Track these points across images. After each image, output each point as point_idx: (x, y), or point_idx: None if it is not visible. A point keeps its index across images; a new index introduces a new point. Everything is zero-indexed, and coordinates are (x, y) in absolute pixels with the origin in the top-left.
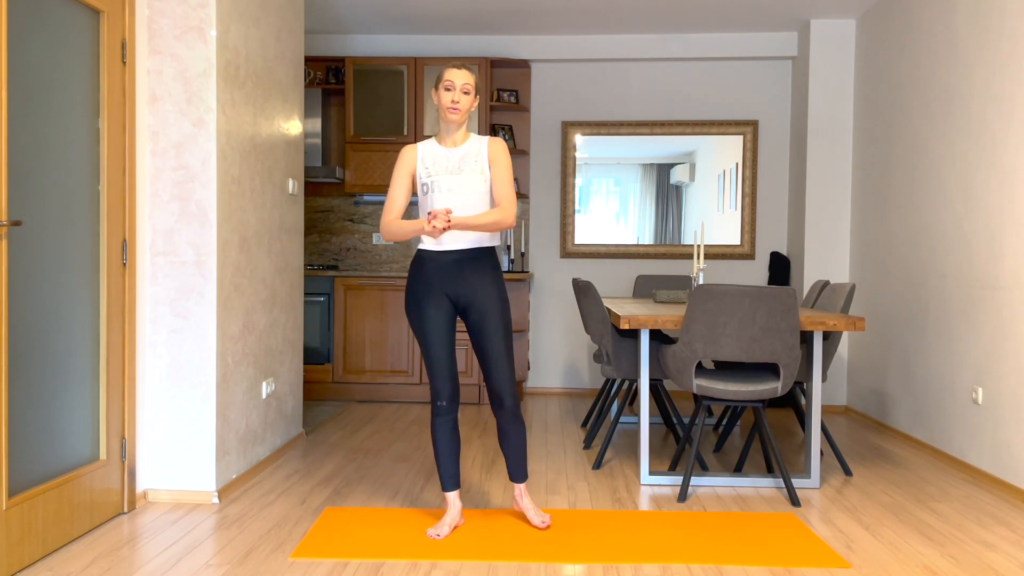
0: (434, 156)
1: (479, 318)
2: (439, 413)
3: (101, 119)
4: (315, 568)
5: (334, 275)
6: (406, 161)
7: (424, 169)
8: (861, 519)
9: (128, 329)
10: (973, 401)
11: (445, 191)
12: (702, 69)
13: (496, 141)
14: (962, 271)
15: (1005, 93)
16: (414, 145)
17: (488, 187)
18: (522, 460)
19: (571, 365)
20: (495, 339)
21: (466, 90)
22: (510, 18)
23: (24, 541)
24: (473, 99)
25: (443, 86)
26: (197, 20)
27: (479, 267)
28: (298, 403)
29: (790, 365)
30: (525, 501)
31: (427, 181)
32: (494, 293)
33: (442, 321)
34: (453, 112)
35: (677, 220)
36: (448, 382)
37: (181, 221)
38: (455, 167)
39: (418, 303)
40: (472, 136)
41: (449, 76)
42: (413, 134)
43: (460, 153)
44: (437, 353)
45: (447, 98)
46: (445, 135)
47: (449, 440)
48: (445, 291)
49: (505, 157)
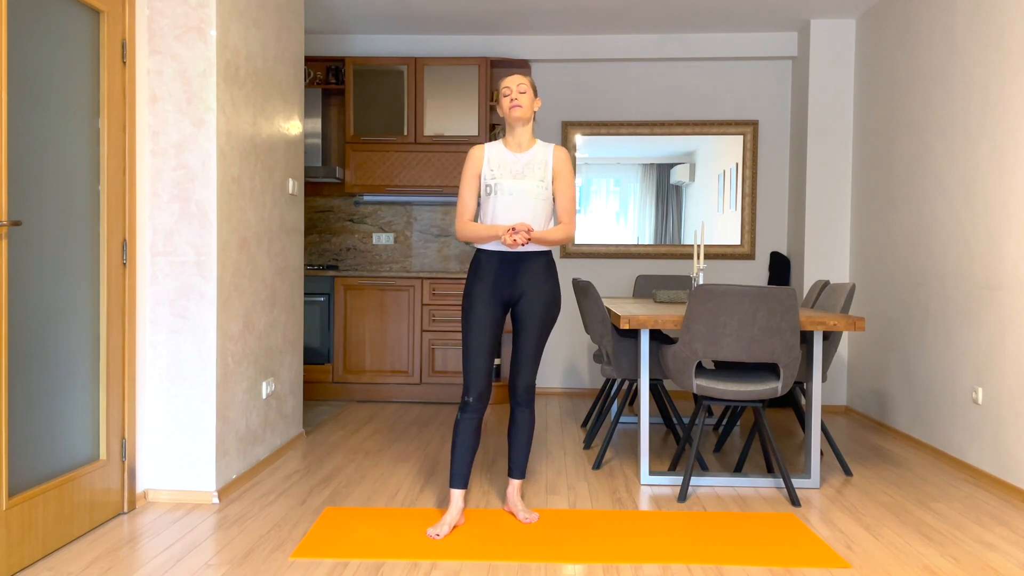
0: (500, 159)
1: (523, 315)
2: (466, 409)
3: (101, 119)
4: (315, 568)
5: (334, 275)
6: (473, 162)
7: (489, 171)
8: (861, 519)
9: (128, 329)
10: (973, 401)
11: (507, 194)
12: (702, 69)
13: (561, 151)
14: (962, 271)
15: (1005, 93)
16: (482, 146)
17: (548, 195)
18: (523, 455)
19: (571, 365)
20: (530, 335)
21: (522, 90)
22: (510, 18)
23: (24, 541)
24: (532, 98)
25: (501, 94)
26: (197, 20)
27: (533, 270)
28: (298, 403)
29: (790, 365)
30: (514, 499)
31: (491, 183)
32: (545, 293)
33: (488, 321)
34: (516, 108)
35: (677, 220)
36: (480, 379)
37: (181, 221)
38: (519, 172)
39: (470, 299)
40: (538, 142)
41: (505, 84)
42: (413, 134)
43: (525, 158)
44: (475, 349)
45: (507, 102)
46: (511, 138)
47: (470, 438)
48: (500, 290)
49: (570, 171)
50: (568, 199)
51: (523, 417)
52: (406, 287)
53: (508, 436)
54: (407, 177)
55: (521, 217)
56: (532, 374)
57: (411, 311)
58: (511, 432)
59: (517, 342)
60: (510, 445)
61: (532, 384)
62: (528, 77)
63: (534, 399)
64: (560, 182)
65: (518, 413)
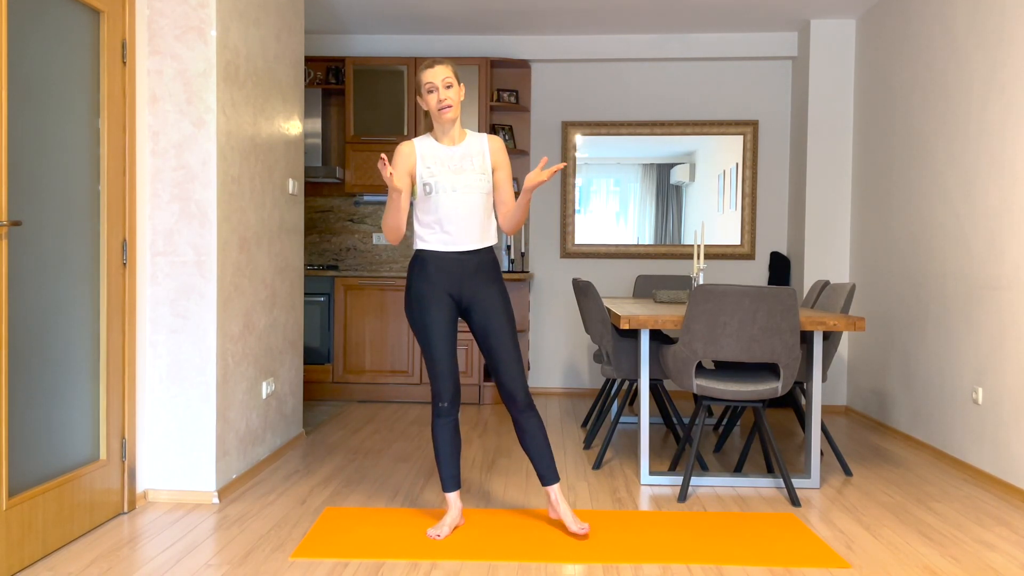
0: (434, 155)
1: (484, 317)
2: (440, 414)
3: (101, 119)
4: (315, 568)
5: (334, 275)
6: (403, 159)
7: (426, 168)
8: (861, 519)
9: (128, 329)
10: (973, 401)
11: (449, 191)
12: (702, 69)
13: (495, 140)
14: (962, 271)
15: (1005, 92)
16: (411, 141)
17: (490, 188)
18: (548, 458)
19: (571, 365)
20: (502, 337)
21: (448, 83)
22: (510, 18)
23: (24, 541)
24: (459, 89)
25: (424, 89)
26: (197, 20)
27: (481, 267)
28: (298, 403)
29: (790, 365)
30: (562, 507)
31: (429, 181)
32: (497, 292)
33: (445, 321)
34: (446, 110)
35: (677, 220)
36: (450, 383)
37: (181, 221)
38: (457, 166)
39: (420, 303)
40: (469, 133)
41: (427, 79)
42: (413, 134)
43: (460, 151)
44: (439, 354)
45: (433, 100)
46: (441, 133)
47: (450, 441)
48: (448, 291)
49: (507, 158)
50: (509, 189)
51: (531, 422)
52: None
53: (523, 446)
54: None
55: (467, 214)
56: (522, 374)
57: None
58: (524, 441)
59: (494, 351)
60: (530, 454)
61: (525, 379)
62: (450, 65)
63: (532, 398)
64: (500, 172)
65: (524, 419)
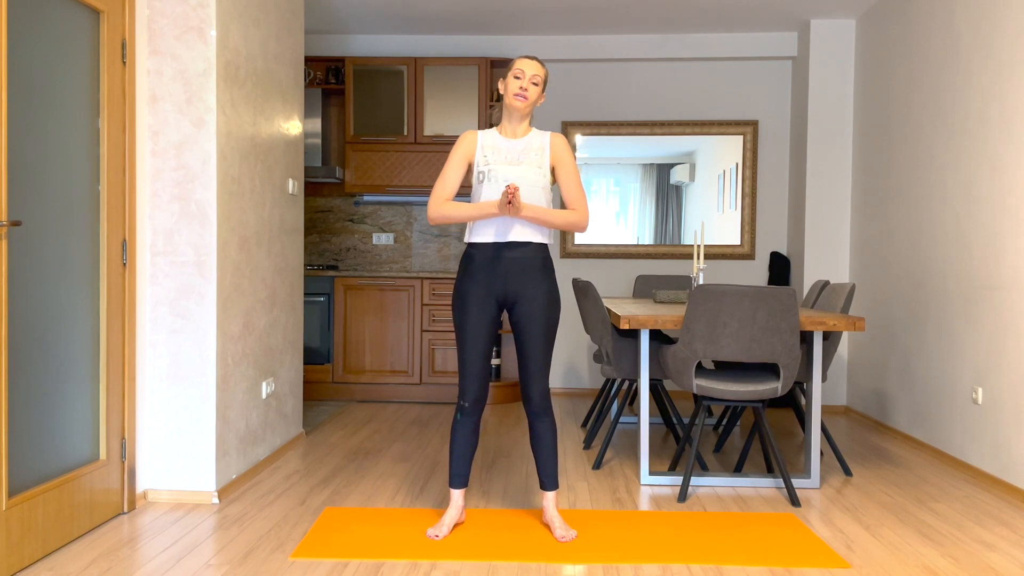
0: (494, 145)
1: (523, 318)
2: (463, 412)
3: (101, 119)
4: (315, 568)
5: (334, 275)
6: (465, 146)
7: (483, 157)
8: (861, 519)
9: (128, 329)
10: (973, 401)
11: (502, 181)
12: (702, 69)
13: (559, 138)
14: (962, 271)
15: (1005, 93)
16: (475, 131)
17: (547, 183)
18: (551, 466)
19: (571, 365)
20: (535, 341)
21: (535, 81)
22: (510, 18)
23: (24, 541)
24: (540, 93)
25: (512, 74)
26: (197, 20)
27: (532, 263)
28: (298, 403)
29: (790, 365)
30: (550, 513)
31: (484, 169)
32: (543, 294)
33: (483, 323)
34: (520, 99)
35: (677, 220)
36: (475, 384)
37: (181, 221)
38: (515, 158)
39: (463, 301)
40: (534, 130)
41: (520, 65)
42: (413, 134)
43: (521, 145)
44: (471, 354)
45: (515, 85)
46: (507, 125)
47: (467, 441)
48: (493, 289)
49: (571, 156)
50: (574, 185)
51: (544, 426)
52: (406, 287)
53: (532, 448)
54: (407, 177)
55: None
56: (545, 380)
57: (411, 311)
58: (534, 444)
59: (523, 349)
60: (536, 457)
61: (547, 389)
62: (544, 70)
63: (551, 405)
64: (562, 168)
65: (537, 423)
